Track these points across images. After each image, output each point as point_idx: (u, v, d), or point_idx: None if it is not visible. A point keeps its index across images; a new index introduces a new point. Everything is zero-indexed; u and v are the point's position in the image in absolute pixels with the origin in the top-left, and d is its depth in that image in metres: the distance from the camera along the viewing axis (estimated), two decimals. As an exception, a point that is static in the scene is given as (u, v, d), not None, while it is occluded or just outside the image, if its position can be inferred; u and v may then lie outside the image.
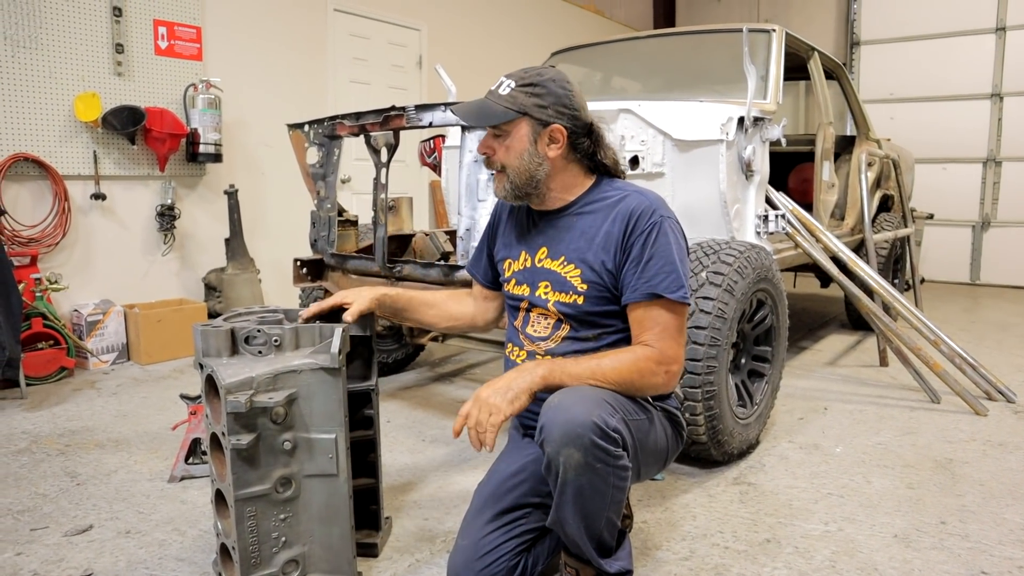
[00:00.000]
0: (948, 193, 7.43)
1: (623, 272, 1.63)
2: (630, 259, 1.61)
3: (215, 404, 1.63)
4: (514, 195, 1.70)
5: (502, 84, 1.67)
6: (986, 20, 7.22)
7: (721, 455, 2.53)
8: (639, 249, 1.60)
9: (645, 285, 1.58)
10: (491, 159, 1.70)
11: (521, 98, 1.63)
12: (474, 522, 1.69)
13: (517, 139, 1.65)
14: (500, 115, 1.63)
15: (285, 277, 4.75)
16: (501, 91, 1.65)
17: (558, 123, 1.64)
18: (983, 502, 2.32)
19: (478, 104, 1.68)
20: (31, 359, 3.59)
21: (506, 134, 1.66)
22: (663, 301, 1.58)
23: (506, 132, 1.65)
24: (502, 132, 1.66)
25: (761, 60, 3.43)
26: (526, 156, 1.65)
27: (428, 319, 1.96)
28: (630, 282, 1.61)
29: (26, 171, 3.81)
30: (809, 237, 3.38)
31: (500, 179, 1.70)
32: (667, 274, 1.58)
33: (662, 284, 1.58)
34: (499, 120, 1.64)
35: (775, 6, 8.58)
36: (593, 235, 1.67)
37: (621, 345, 1.67)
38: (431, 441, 2.88)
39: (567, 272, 1.69)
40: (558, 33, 7.36)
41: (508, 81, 1.66)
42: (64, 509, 2.25)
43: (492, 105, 1.65)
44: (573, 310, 1.68)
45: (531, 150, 1.65)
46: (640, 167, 2.90)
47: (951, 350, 3.44)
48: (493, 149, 1.68)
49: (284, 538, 1.67)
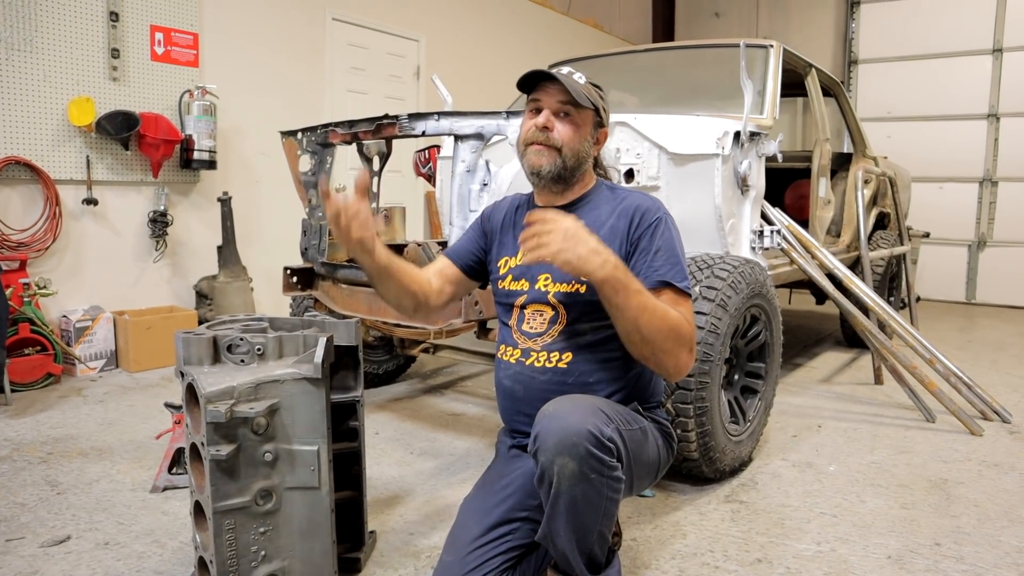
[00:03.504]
0: (944, 212, 7.43)
1: (632, 262, 1.65)
2: (639, 250, 1.66)
3: (195, 413, 1.60)
4: (558, 174, 1.72)
5: (574, 73, 1.72)
6: (983, 41, 7.25)
7: (713, 472, 2.50)
8: (648, 240, 1.66)
9: (655, 273, 1.62)
10: (551, 135, 1.70)
11: (594, 93, 1.74)
12: (460, 537, 1.66)
13: (585, 126, 1.72)
14: (586, 99, 1.69)
15: (278, 286, 4.68)
16: (577, 78, 1.71)
17: (606, 128, 1.79)
18: (978, 524, 2.28)
19: (565, 79, 1.69)
20: (17, 365, 3.55)
21: (574, 117, 1.70)
22: (673, 288, 1.61)
23: (575, 115, 1.70)
24: (571, 113, 1.70)
25: (758, 75, 3.42)
26: (586, 144, 1.73)
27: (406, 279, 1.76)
28: (641, 270, 1.63)
29: (17, 175, 3.78)
30: (804, 253, 3.36)
31: (551, 154, 1.70)
32: (673, 265, 1.63)
33: (670, 273, 1.62)
34: (585, 103, 1.68)
35: (774, 23, 8.62)
36: (598, 228, 1.68)
37: (616, 340, 1.61)
38: (419, 454, 2.84)
39: None
40: (557, 46, 7.37)
41: (577, 73, 1.73)
42: (42, 519, 2.21)
43: (577, 85, 1.69)
44: (575, 299, 1.68)
45: (589, 140, 1.74)
46: (635, 180, 2.88)
47: (947, 369, 3.42)
48: (554, 126, 1.70)
49: (263, 552, 1.62)
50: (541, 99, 1.71)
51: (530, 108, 1.75)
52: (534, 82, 1.73)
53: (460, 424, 3.22)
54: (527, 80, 1.73)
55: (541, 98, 1.71)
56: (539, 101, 1.72)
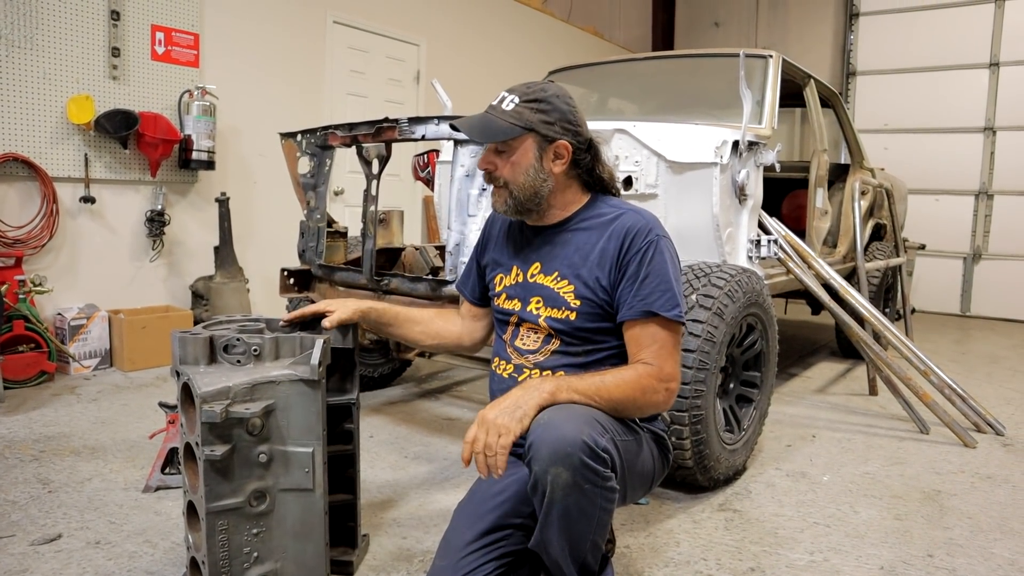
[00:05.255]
0: (940, 224, 7.46)
1: (619, 290, 1.62)
2: (626, 277, 1.61)
3: (190, 413, 1.59)
4: (515, 210, 1.69)
5: (505, 99, 1.65)
6: (980, 55, 7.29)
7: (707, 480, 2.50)
8: (635, 267, 1.60)
9: (641, 303, 1.58)
10: (493, 174, 1.67)
11: (527, 114, 1.62)
12: (453, 542, 1.65)
13: (522, 155, 1.64)
14: (506, 131, 1.62)
15: (274, 287, 4.68)
16: (505, 106, 1.63)
17: (563, 139, 1.64)
18: (971, 536, 2.29)
19: (481, 119, 1.66)
20: (10, 362, 3.53)
21: (511, 149, 1.64)
22: (659, 319, 1.58)
23: (511, 148, 1.64)
24: (506, 147, 1.64)
25: (757, 85, 3.43)
26: (531, 172, 1.64)
27: (413, 336, 1.92)
28: (626, 300, 1.60)
29: (15, 171, 3.77)
30: (801, 263, 3.37)
31: (501, 194, 1.68)
32: (662, 292, 1.58)
33: (658, 302, 1.58)
34: (506, 136, 1.62)
35: (773, 33, 8.65)
36: (588, 252, 1.66)
37: (610, 362, 1.66)
38: (414, 458, 2.84)
39: (560, 288, 1.68)
40: (557, 53, 7.39)
41: (511, 96, 1.64)
42: (33, 517, 2.20)
43: (496, 120, 1.63)
44: (565, 326, 1.66)
45: (536, 166, 1.64)
46: (634, 188, 2.89)
47: (941, 381, 3.43)
48: (495, 164, 1.66)
49: (256, 553, 1.62)
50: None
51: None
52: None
53: (455, 428, 3.22)
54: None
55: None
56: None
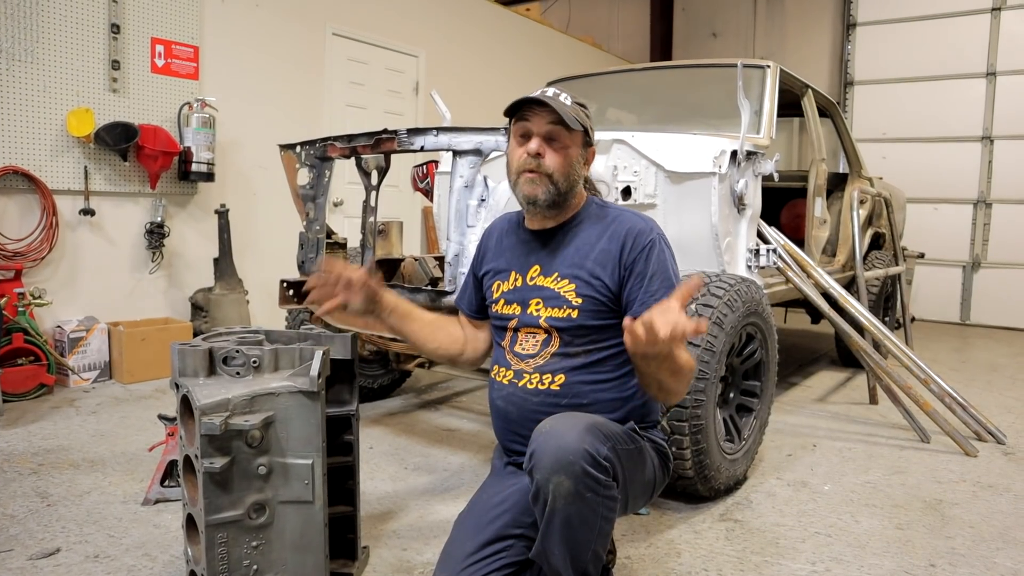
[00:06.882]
0: (939, 233, 7.47)
1: (627, 288, 1.65)
2: (633, 275, 1.64)
3: (190, 425, 1.59)
4: (552, 202, 1.70)
5: (559, 94, 1.67)
6: (977, 65, 7.32)
7: (708, 491, 2.49)
8: (642, 265, 1.64)
9: (652, 298, 1.60)
10: (542, 161, 1.67)
11: (581, 114, 1.69)
12: (454, 554, 1.64)
13: (574, 150, 1.70)
14: (574, 121, 1.65)
15: (273, 299, 4.69)
16: (564, 99, 1.66)
17: (594, 147, 1.77)
18: (973, 545, 2.28)
19: (555, 101, 1.65)
20: (9, 375, 3.53)
21: (564, 140, 1.68)
22: None
23: (564, 139, 1.68)
24: (560, 138, 1.67)
25: (755, 95, 3.45)
26: (575, 168, 1.70)
27: (420, 334, 1.86)
28: (636, 296, 1.63)
29: (15, 184, 3.78)
30: (800, 272, 3.37)
31: (542, 181, 1.67)
32: (668, 288, 1.61)
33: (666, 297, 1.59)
34: (574, 126, 1.65)
35: (770, 44, 8.69)
36: (588, 251, 1.69)
37: (610, 362, 1.67)
38: (414, 469, 2.83)
39: (561, 287, 1.69)
40: (556, 64, 7.42)
41: (563, 94, 1.68)
42: (32, 531, 2.19)
43: (567, 109, 1.65)
44: (567, 324, 1.68)
45: (578, 164, 1.71)
46: (632, 198, 2.89)
47: (941, 389, 3.42)
48: (546, 152, 1.68)
49: (256, 566, 1.61)
50: (530, 123, 1.67)
51: (517, 134, 1.71)
52: (520, 107, 1.69)
53: (454, 439, 3.21)
54: (516, 105, 1.70)
55: (530, 121, 1.67)
56: (527, 126, 1.68)
